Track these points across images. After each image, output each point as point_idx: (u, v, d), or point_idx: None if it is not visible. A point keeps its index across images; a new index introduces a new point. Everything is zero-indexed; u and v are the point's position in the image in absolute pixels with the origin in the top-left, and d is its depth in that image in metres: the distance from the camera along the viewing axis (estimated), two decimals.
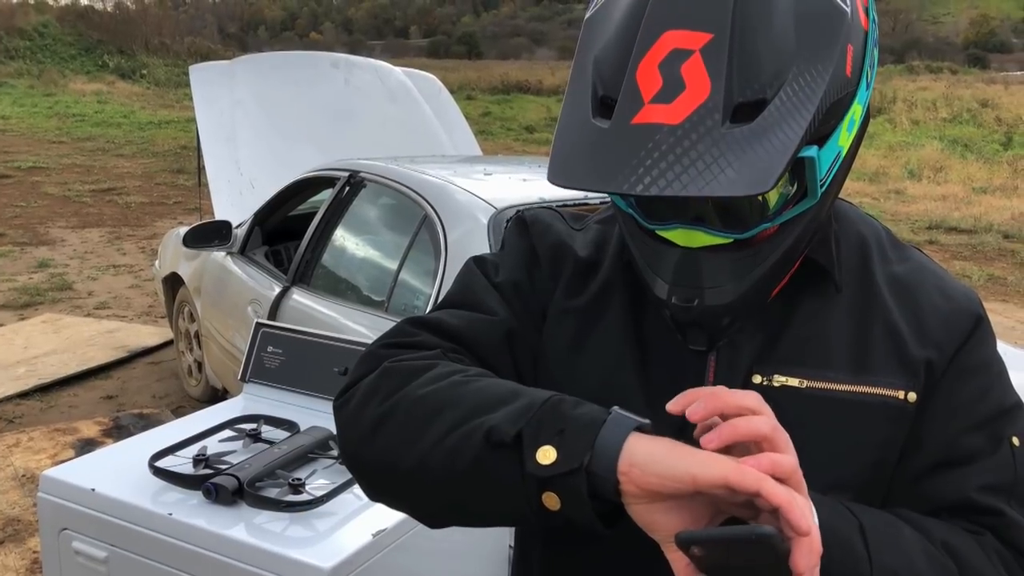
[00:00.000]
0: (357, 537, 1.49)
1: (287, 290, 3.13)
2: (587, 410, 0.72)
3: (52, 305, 6.24)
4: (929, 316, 0.88)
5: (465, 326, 0.90)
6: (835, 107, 0.74)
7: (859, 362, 0.85)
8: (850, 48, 0.74)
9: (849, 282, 0.89)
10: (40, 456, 3.57)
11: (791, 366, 0.84)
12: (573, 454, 0.68)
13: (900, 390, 0.84)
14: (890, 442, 0.85)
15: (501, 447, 0.71)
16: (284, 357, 2.10)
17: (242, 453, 1.74)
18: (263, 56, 5.35)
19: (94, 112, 18.69)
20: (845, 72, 0.73)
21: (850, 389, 0.84)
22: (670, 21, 0.72)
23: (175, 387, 4.73)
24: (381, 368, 0.85)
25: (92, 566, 1.65)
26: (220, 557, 1.49)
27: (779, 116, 0.70)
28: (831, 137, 0.75)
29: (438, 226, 2.55)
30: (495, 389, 0.78)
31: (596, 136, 0.73)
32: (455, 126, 5.16)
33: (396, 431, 0.79)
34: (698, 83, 0.70)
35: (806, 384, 0.84)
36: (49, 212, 9.64)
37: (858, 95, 0.77)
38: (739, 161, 0.68)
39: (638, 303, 0.90)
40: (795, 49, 0.71)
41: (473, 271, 0.97)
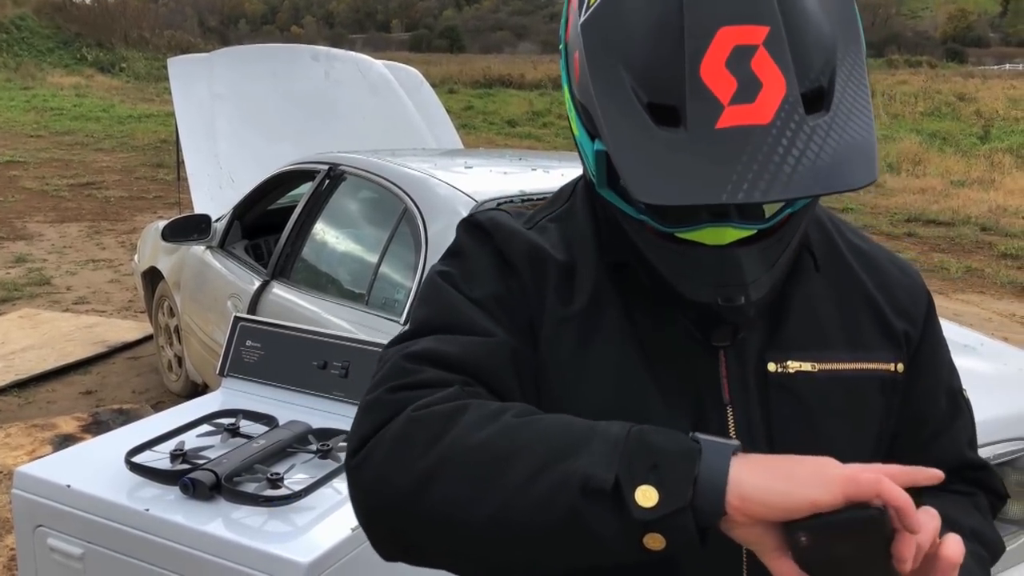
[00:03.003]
0: (336, 531, 1.48)
1: (267, 284, 3.11)
2: (674, 439, 0.69)
3: (30, 300, 6.18)
4: (896, 288, 0.93)
5: (466, 353, 0.83)
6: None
7: (852, 339, 0.88)
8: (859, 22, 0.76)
9: (822, 260, 0.91)
10: (17, 452, 3.53)
11: (799, 351, 0.86)
12: (676, 493, 0.66)
13: (891, 362, 0.89)
14: (886, 412, 0.89)
15: (599, 495, 0.67)
16: (263, 351, 2.08)
17: (220, 448, 1.72)
18: (242, 49, 5.31)
19: (73, 106, 18.50)
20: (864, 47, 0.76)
21: (852, 367, 0.87)
22: (721, 17, 0.69)
23: (155, 382, 4.69)
24: (405, 417, 0.76)
25: (68, 563, 1.64)
26: (197, 553, 1.48)
27: (848, 101, 0.70)
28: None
29: (418, 219, 2.54)
30: (560, 427, 0.73)
31: (674, 146, 0.69)
32: (436, 119, 5.14)
33: (457, 485, 0.72)
34: (773, 78, 0.68)
35: (818, 368, 0.86)
36: (27, 207, 9.54)
37: None
38: (842, 152, 0.68)
39: (632, 305, 0.87)
40: (833, 32, 0.72)
41: (443, 288, 0.89)
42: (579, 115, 0.84)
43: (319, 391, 1.99)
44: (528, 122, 19.19)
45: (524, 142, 16.11)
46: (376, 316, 2.52)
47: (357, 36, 64.32)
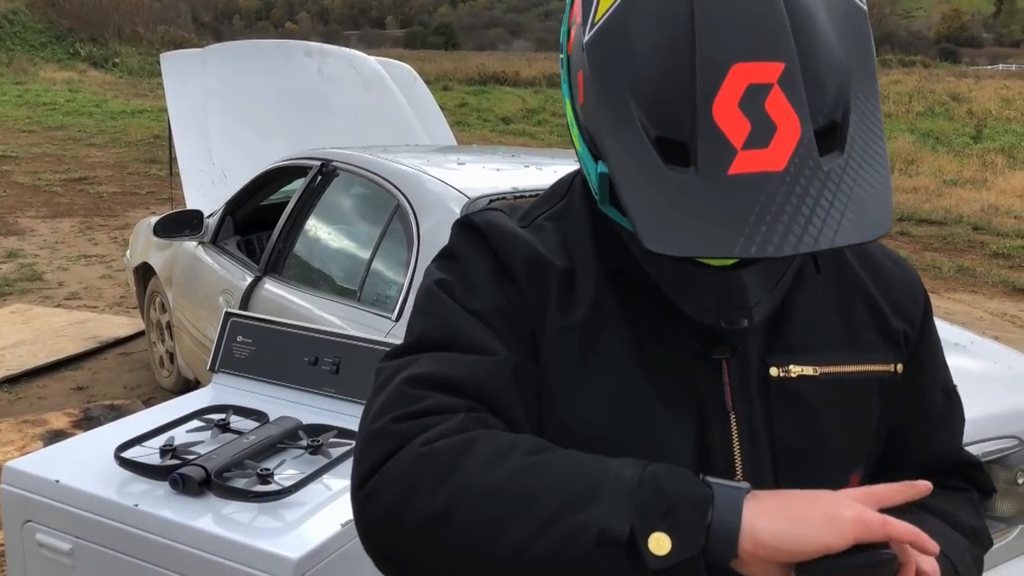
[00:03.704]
0: (326, 527, 1.48)
1: (259, 280, 3.10)
2: (687, 484, 0.69)
3: (21, 296, 6.16)
4: (895, 287, 0.93)
5: (469, 376, 0.80)
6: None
7: (852, 340, 0.88)
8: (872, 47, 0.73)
9: (824, 261, 0.90)
10: (8, 448, 3.52)
11: (800, 354, 0.85)
12: (689, 541, 0.67)
13: (890, 363, 0.89)
14: (884, 411, 0.90)
15: (614, 545, 0.68)
16: (254, 347, 2.08)
17: (210, 443, 1.72)
18: (236, 44, 5.29)
19: (65, 101, 18.44)
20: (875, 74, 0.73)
21: (853, 369, 0.87)
22: (735, 52, 0.66)
23: (147, 378, 4.68)
24: (413, 453, 0.75)
25: (57, 559, 1.63)
26: (187, 548, 1.48)
27: (863, 141, 0.68)
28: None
29: (410, 216, 2.53)
30: (573, 469, 0.73)
31: (684, 190, 0.67)
32: (429, 116, 5.14)
33: (470, 529, 0.72)
34: (787, 120, 0.66)
35: (819, 371, 0.85)
36: (19, 202, 9.50)
37: None
38: (855, 201, 0.66)
39: (632, 313, 0.85)
40: (846, 62, 0.69)
41: (441, 299, 0.86)
42: (582, 134, 0.82)
43: (310, 387, 1.98)
44: (522, 119, 19.18)
45: (518, 139, 16.10)
46: (368, 312, 2.51)
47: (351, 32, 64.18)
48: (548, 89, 24.88)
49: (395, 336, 2.27)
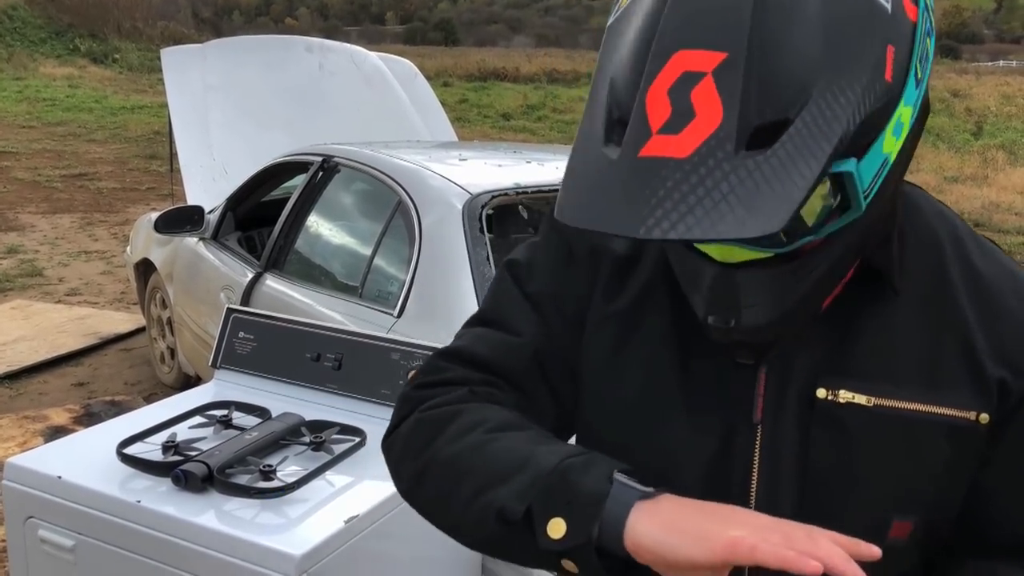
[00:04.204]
0: (329, 524, 1.48)
1: (260, 276, 3.10)
2: (593, 479, 0.72)
3: (22, 291, 6.15)
4: (1009, 329, 0.81)
5: (491, 353, 0.89)
6: (874, 117, 0.66)
7: (928, 377, 0.79)
8: (891, 50, 0.66)
9: (919, 285, 0.81)
10: (8, 444, 3.52)
11: (857, 380, 0.79)
12: (580, 530, 0.71)
13: (972, 411, 0.79)
14: (958, 463, 0.80)
15: (512, 524, 0.74)
16: (256, 343, 2.08)
17: (212, 440, 1.72)
18: (236, 40, 5.29)
19: (65, 97, 18.40)
20: (885, 77, 0.66)
21: (919, 408, 0.79)
22: (682, 40, 0.66)
23: (147, 374, 4.68)
24: (414, 418, 0.87)
25: (59, 555, 1.63)
26: (190, 544, 1.48)
27: (800, 140, 0.63)
28: (872, 147, 0.68)
29: (412, 211, 2.53)
30: (508, 454, 0.78)
31: (605, 168, 0.68)
32: (430, 111, 5.13)
33: (431, 492, 0.84)
34: (709, 110, 0.64)
35: (873, 402, 0.79)
36: (19, 197, 9.49)
37: (904, 96, 0.69)
38: (750, 197, 0.62)
39: (680, 310, 0.83)
40: (822, 60, 0.64)
41: (504, 279, 0.93)
42: None
43: (312, 383, 1.98)
44: (522, 116, 19.15)
45: (519, 135, 16.08)
46: (370, 308, 2.51)
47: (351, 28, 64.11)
48: (548, 85, 24.84)
49: (397, 332, 2.26)
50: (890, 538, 0.79)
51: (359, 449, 1.71)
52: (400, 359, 1.90)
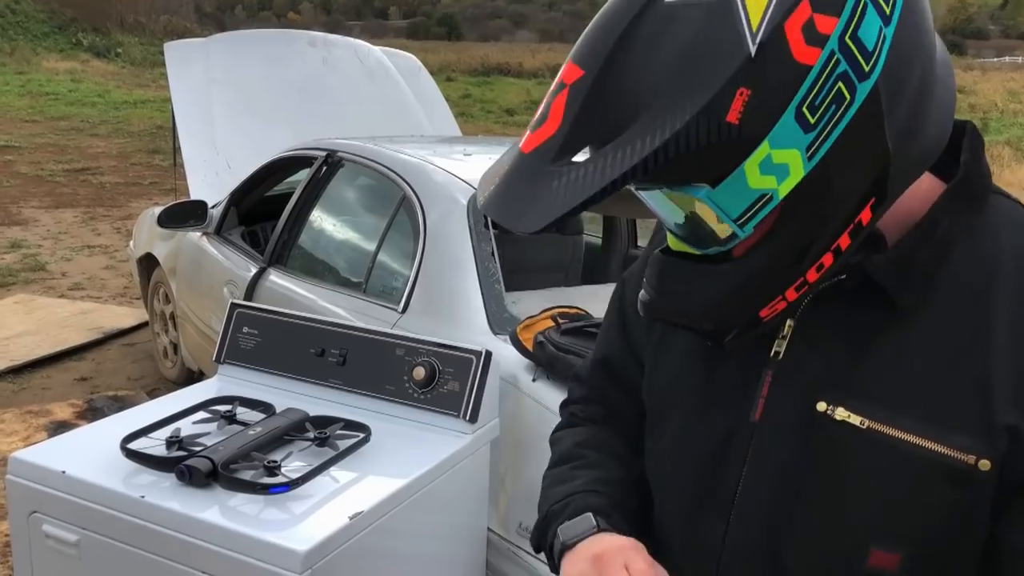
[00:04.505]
0: (333, 520, 1.47)
1: (263, 271, 3.09)
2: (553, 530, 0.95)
3: (25, 286, 6.15)
4: None
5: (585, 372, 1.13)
6: (710, 154, 0.68)
7: (933, 408, 0.76)
8: (743, 93, 0.67)
9: (953, 302, 0.77)
10: (12, 439, 3.52)
11: (857, 400, 0.78)
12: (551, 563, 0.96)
13: (971, 454, 0.74)
14: (956, 506, 0.75)
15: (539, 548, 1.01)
16: (260, 338, 2.07)
17: (216, 435, 1.71)
18: (240, 34, 5.27)
19: (68, 91, 18.41)
20: (726, 118, 0.67)
21: (914, 441, 0.75)
22: (573, 52, 0.74)
23: (150, 369, 4.68)
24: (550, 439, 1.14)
25: (63, 549, 1.62)
26: (194, 540, 1.47)
27: (601, 161, 0.68)
28: (727, 180, 0.70)
29: (417, 207, 2.52)
30: (552, 492, 1.01)
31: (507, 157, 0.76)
32: (434, 106, 5.12)
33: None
34: (555, 118, 0.71)
35: (867, 425, 0.77)
36: (22, 192, 9.49)
37: (772, 139, 0.68)
38: (533, 199, 0.70)
39: None
40: (655, 93, 0.68)
41: (614, 292, 1.09)
42: None
43: (316, 378, 1.97)
44: (526, 111, 19.13)
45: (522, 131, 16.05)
46: (374, 304, 2.50)
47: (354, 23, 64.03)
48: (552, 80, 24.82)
49: (401, 327, 2.26)
50: (869, 566, 0.78)
51: (364, 445, 1.70)
52: (405, 355, 1.90)
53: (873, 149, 0.72)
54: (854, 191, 0.73)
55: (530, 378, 1.93)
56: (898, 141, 0.72)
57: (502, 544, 1.90)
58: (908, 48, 0.71)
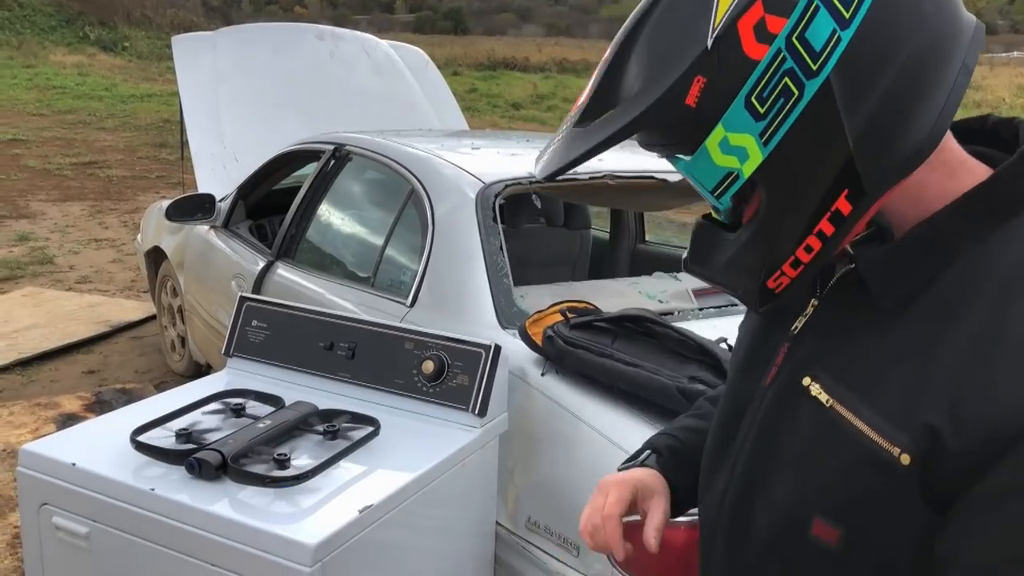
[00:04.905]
0: (343, 513, 1.48)
1: (271, 264, 3.09)
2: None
3: (33, 279, 6.17)
4: (982, 387, 0.73)
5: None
6: (675, 129, 0.80)
7: (883, 403, 0.78)
8: (699, 80, 0.77)
9: (930, 320, 0.78)
10: (21, 431, 3.53)
11: (831, 379, 0.83)
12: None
13: (896, 447, 0.76)
14: (882, 495, 0.78)
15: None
16: (269, 331, 2.07)
17: (226, 428, 1.71)
18: (247, 27, 5.26)
19: (75, 84, 18.42)
20: (685, 101, 0.77)
21: (860, 427, 0.79)
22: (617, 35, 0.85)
23: (158, 362, 4.69)
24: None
25: (73, 541, 1.63)
26: (203, 533, 1.47)
27: (596, 127, 0.82)
28: (697, 155, 0.81)
29: (425, 200, 2.51)
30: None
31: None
32: (442, 100, 5.11)
33: None
34: (589, 88, 0.85)
35: (831, 404, 0.82)
36: (29, 185, 9.51)
37: (726, 122, 0.77)
38: (557, 152, 0.85)
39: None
40: (637, 76, 0.81)
41: None
42: None
43: (325, 372, 1.98)
44: (532, 105, 19.11)
45: (528, 125, 16.05)
46: (382, 298, 2.50)
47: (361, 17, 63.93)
48: (558, 75, 24.76)
49: (410, 321, 2.26)
50: (813, 535, 0.83)
51: (373, 438, 1.70)
52: (414, 348, 1.90)
53: (831, 141, 0.77)
54: (818, 180, 0.78)
55: (539, 372, 1.93)
56: (863, 137, 0.76)
57: (511, 538, 1.90)
58: (873, 51, 0.75)
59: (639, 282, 2.47)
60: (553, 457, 1.85)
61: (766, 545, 0.89)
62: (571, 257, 3.63)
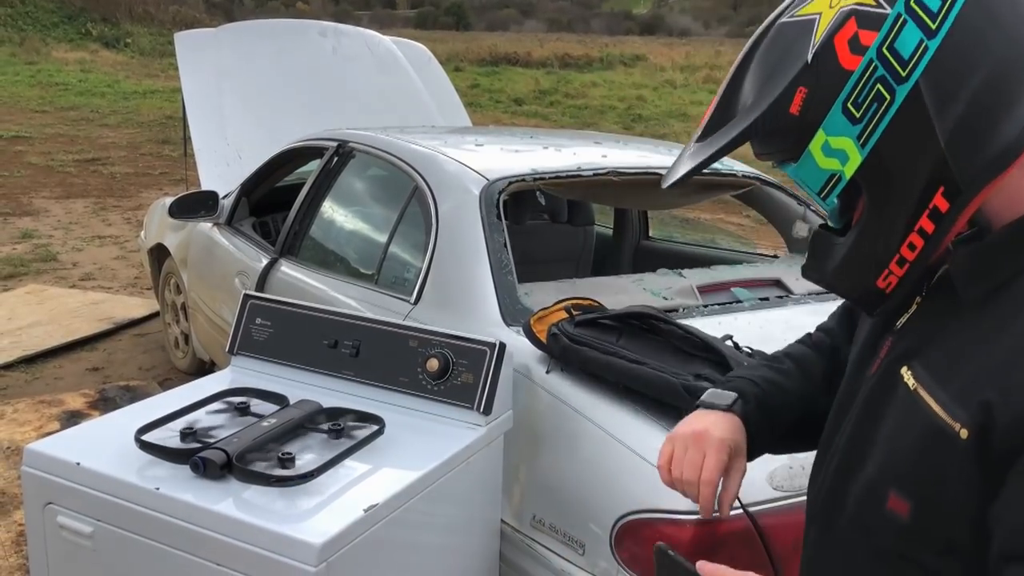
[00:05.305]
0: (348, 512, 1.47)
1: (275, 262, 3.09)
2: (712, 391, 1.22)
3: (36, 276, 6.17)
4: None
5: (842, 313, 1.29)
6: (778, 136, 0.91)
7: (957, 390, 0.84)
8: (802, 90, 0.88)
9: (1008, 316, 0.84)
10: (25, 428, 3.53)
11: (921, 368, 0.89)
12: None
13: (958, 422, 0.82)
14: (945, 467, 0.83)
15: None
16: (272, 329, 2.07)
17: (230, 426, 1.71)
18: (250, 24, 5.25)
19: (78, 81, 18.42)
20: (789, 110, 0.88)
21: (935, 408, 0.85)
22: None
23: (162, 359, 4.69)
24: None
25: (77, 541, 1.63)
26: (208, 532, 1.47)
27: (713, 139, 0.94)
28: (802, 160, 0.91)
29: (429, 197, 2.51)
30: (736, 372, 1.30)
31: None
32: (444, 96, 5.10)
33: None
34: (712, 106, 0.97)
35: (914, 387, 0.89)
36: (32, 182, 9.51)
37: (826, 127, 0.87)
38: (681, 165, 0.96)
39: None
40: (755, 88, 0.92)
41: None
42: None
43: (329, 370, 1.97)
44: (535, 100, 19.08)
45: (531, 120, 16.03)
46: (386, 295, 2.49)
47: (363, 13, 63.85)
48: (560, 70, 24.72)
49: (414, 318, 2.25)
50: (889, 508, 0.89)
51: (378, 437, 1.70)
52: (418, 346, 1.89)
53: (923, 141, 0.85)
54: (914, 177, 0.86)
55: (543, 370, 1.92)
56: (953, 137, 0.84)
57: (516, 536, 1.89)
58: (960, 58, 0.83)
59: (643, 279, 2.46)
60: (558, 455, 1.84)
61: (852, 521, 0.95)
62: (574, 253, 3.62)
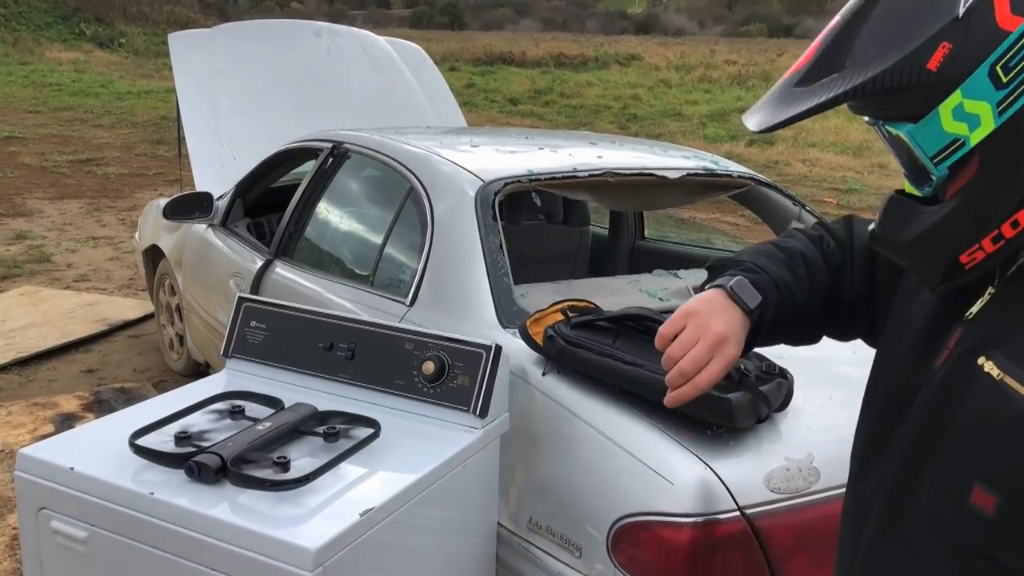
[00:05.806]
0: (344, 516, 1.46)
1: (270, 263, 3.08)
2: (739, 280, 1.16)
3: (30, 277, 6.15)
4: None
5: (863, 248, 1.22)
6: (910, 93, 0.83)
7: None
8: (945, 46, 0.81)
9: None
10: (19, 431, 3.52)
11: (1005, 358, 0.86)
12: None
13: None
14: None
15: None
16: (267, 332, 2.06)
17: (225, 430, 1.70)
18: (244, 24, 5.24)
19: (71, 81, 18.38)
20: (927, 66, 0.82)
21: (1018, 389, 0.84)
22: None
23: (157, 361, 4.67)
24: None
25: (71, 546, 1.62)
26: (203, 537, 1.46)
27: (818, 88, 0.86)
28: (925, 120, 0.84)
29: (424, 199, 2.50)
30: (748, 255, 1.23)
31: None
32: (439, 96, 5.09)
33: None
34: (809, 53, 0.90)
35: (1001, 378, 0.85)
36: (26, 183, 9.48)
37: (964, 89, 0.82)
38: (772, 108, 0.90)
39: None
40: (880, 39, 0.85)
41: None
42: None
43: (325, 373, 1.96)
44: (530, 100, 19.07)
45: (526, 120, 16.02)
46: (381, 297, 2.49)
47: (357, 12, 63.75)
48: (556, 70, 24.72)
49: (409, 320, 2.24)
50: (972, 502, 0.85)
51: (374, 440, 1.69)
52: (414, 349, 1.88)
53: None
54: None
55: (540, 372, 1.92)
56: None
57: (512, 539, 1.89)
58: None
59: (639, 280, 2.45)
60: (555, 457, 1.84)
61: (925, 517, 0.91)
62: (570, 254, 3.62)
